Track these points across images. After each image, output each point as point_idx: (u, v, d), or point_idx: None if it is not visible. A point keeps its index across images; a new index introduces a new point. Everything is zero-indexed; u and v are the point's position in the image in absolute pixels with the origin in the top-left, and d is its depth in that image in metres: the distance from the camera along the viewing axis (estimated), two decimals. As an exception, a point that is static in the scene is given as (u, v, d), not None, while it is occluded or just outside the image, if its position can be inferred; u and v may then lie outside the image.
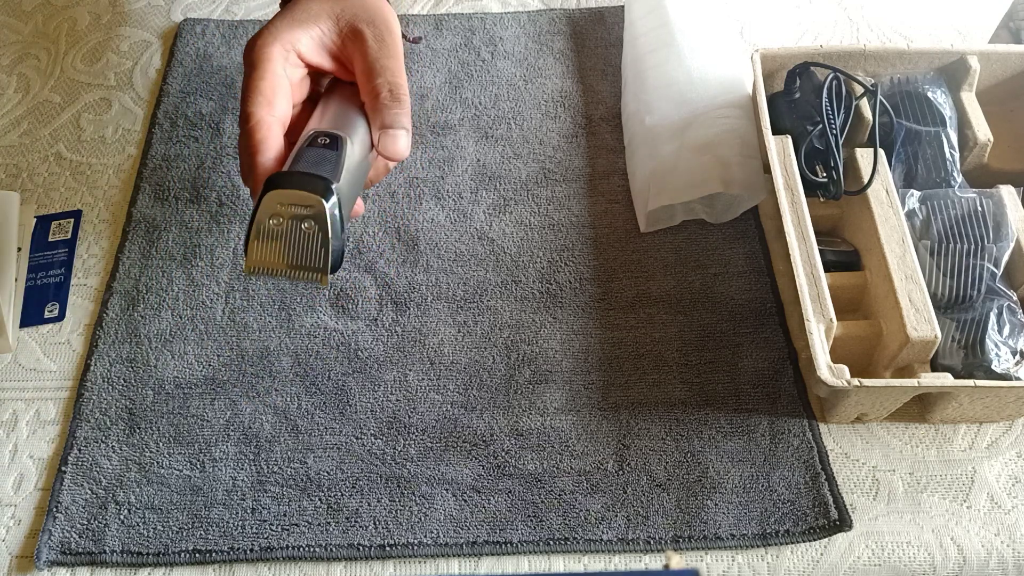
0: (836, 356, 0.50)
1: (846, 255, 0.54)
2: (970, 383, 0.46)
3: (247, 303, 0.57)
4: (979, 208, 0.52)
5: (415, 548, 0.48)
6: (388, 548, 0.48)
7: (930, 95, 0.56)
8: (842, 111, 0.56)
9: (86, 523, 0.49)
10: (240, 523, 0.49)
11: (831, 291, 0.49)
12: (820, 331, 0.48)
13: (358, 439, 0.52)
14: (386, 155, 0.46)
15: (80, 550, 0.48)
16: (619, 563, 0.48)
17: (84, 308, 0.58)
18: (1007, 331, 0.49)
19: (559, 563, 0.48)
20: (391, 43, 0.47)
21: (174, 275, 0.58)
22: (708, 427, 0.52)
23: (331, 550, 0.48)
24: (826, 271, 0.50)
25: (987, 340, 0.49)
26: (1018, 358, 0.49)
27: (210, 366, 0.54)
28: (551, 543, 0.48)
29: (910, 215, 0.53)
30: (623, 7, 0.70)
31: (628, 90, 0.64)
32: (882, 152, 0.54)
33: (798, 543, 0.48)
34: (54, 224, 0.61)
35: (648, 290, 0.57)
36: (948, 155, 0.55)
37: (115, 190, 0.63)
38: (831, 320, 0.48)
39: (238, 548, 0.48)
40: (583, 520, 0.49)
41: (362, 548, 0.48)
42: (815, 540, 0.48)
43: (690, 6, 0.64)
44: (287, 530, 0.49)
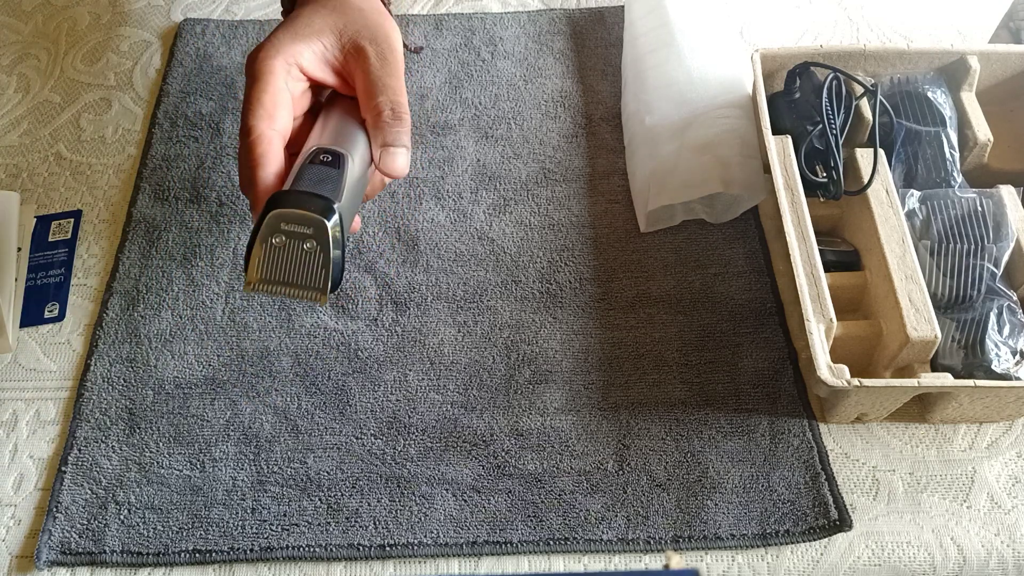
0: (836, 356, 0.50)
1: (846, 255, 0.54)
2: (970, 383, 0.46)
3: (247, 303, 0.57)
4: (979, 208, 0.52)
5: (415, 548, 0.48)
6: (388, 548, 0.48)
7: (930, 95, 0.56)
8: (842, 111, 0.56)
9: (86, 523, 0.49)
10: (240, 523, 0.49)
11: (831, 291, 0.49)
12: (820, 331, 0.48)
13: (358, 439, 0.52)
14: (387, 173, 0.46)
15: (80, 550, 0.48)
16: (619, 563, 0.48)
17: (84, 308, 0.58)
18: (1007, 331, 0.49)
19: (559, 563, 0.48)
20: (393, 61, 0.47)
21: (174, 275, 0.58)
22: (708, 427, 0.52)
23: (331, 550, 0.48)
24: (826, 271, 0.50)
25: (987, 340, 0.49)
26: (1018, 358, 0.49)
27: (210, 366, 0.54)
28: (551, 543, 0.48)
29: (910, 215, 0.53)
30: (623, 7, 0.70)
31: (628, 90, 0.64)
32: (882, 152, 0.54)
33: (798, 543, 0.48)
34: (54, 224, 0.61)
35: (648, 290, 0.57)
36: (948, 155, 0.55)
37: (115, 190, 0.63)
38: (831, 320, 0.48)
39: (238, 548, 0.48)
40: (583, 520, 0.49)
41: (362, 548, 0.48)
42: (815, 540, 0.48)
43: (690, 6, 0.64)
44: (287, 530, 0.49)
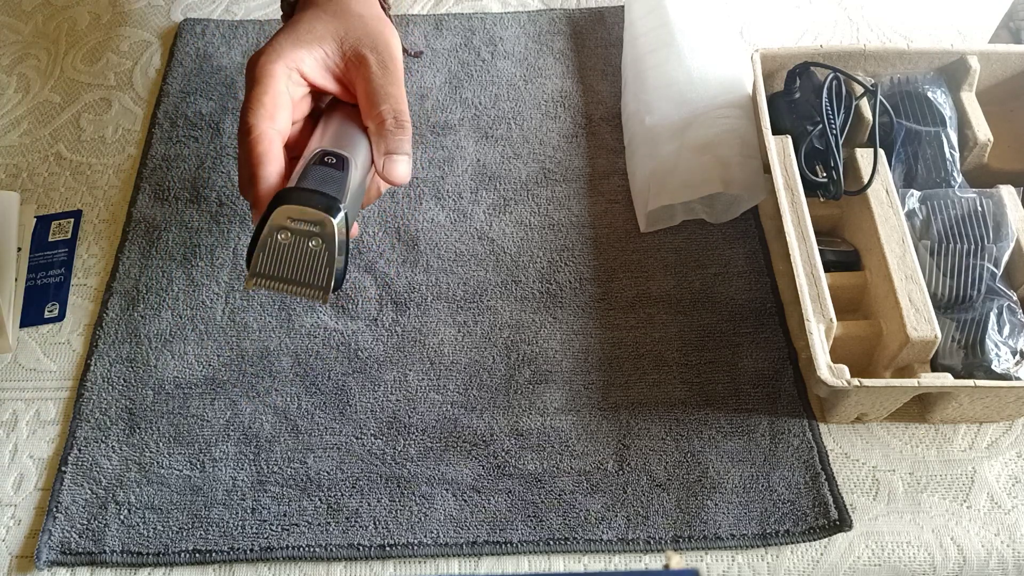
0: (836, 356, 0.50)
1: (846, 255, 0.54)
2: (970, 383, 0.46)
3: (247, 303, 0.57)
4: (979, 208, 0.52)
5: (415, 548, 0.48)
6: (388, 548, 0.48)
7: (930, 95, 0.56)
8: (842, 111, 0.56)
9: (86, 523, 0.49)
10: (240, 523, 0.49)
11: (831, 291, 0.49)
12: (820, 331, 0.48)
13: (358, 439, 0.52)
14: (390, 180, 0.47)
15: (80, 550, 0.48)
16: (619, 563, 0.48)
17: (84, 308, 0.58)
18: (1007, 331, 0.49)
19: (559, 563, 0.48)
20: (394, 69, 0.47)
21: (174, 275, 0.58)
22: (708, 427, 0.52)
23: (331, 550, 0.48)
24: (826, 271, 0.50)
25: (987, 340, 0.49)
26: (1018, 358, 0.49)
27: (210, 366, 0.54)
28: (551, 543, 0.48)
29: (910, 215, 0.53)
30: (623, 7, 0.70)
31: (628, 90, 0.64)
32: (882, 152, 0.54)
33: (798, 543, 0.48)
34: (54, 224, 0.61)
35: (648, 290, 0.57)
36: (948, 155, 0.55)
37: (115, 190, 0.63)
38: (831, 320, 0.48)
39: (238, 548, 0.48)
40: (583, 520, 0.49)
41: (362, 548, 0.48)
42: (815, 540, 0.48)
43: (690, 6, 0.64)
44: (287, 530, 0.49)
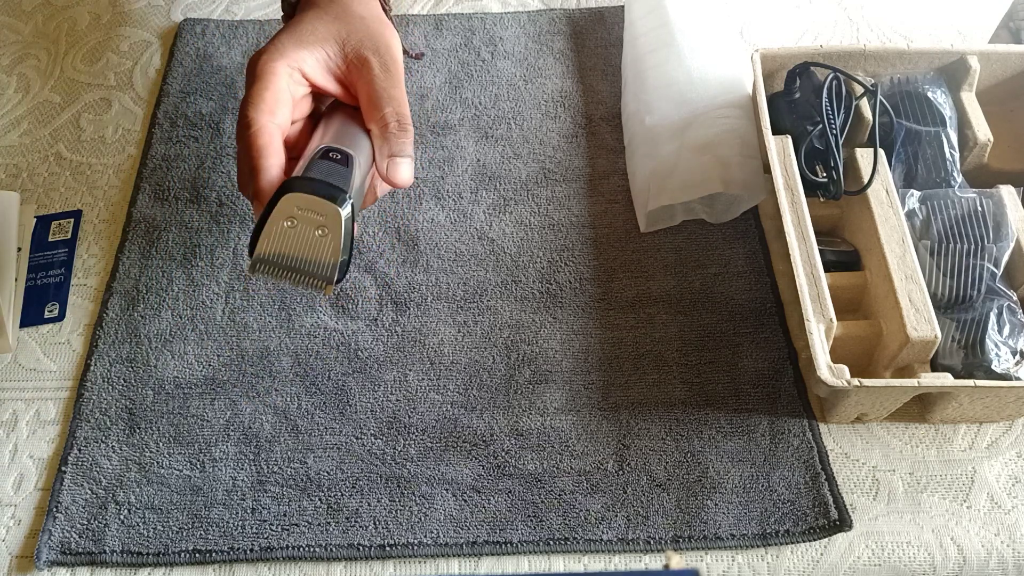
0: (836, 356, 0.50)
1: (846, 255, 0.54)
2: (970, 383, 0.46)
3: (247, 303, 0.57)
4: (979, 208, 0.52)
5: (415, 548, 0.48)
6: (388, 548, 0.48)
7: (930, 95, 0.56)
8: (842, 111, 0.56)
9: (86, 523, 0.49)
10: (240, 523, 0.49)
11: (831, 291, 0.49)
12: (820, 331, 0.48)
13: (358, 439, 0.52)
14: (393, 182, 0.47)
15: (80, 550, 0.48)
16: (619, 563, 0.48)
17: (84, 308, 0.58)
18: (1007, 331, 0.49)
19: (559, 563, 0.48)
20: (396, 72, 0.47)
21: (174, 275, 0.58)
22: (708, 427, 0.52)
23: (331, 550, 0.48)
24: (826, 271, 0.50)
25: (987, 340, 0.49)
26: (1018, 358, 0.49)
27: (210, 366, 0.54)
28: (551, 543, 0.48)
29: (910, 215, 0.53)
30: (623, 7, 0.70)
31: (628, 90, 0.64)
32: (882, 152, 0.54)
33: (798, 543, 0.48)
34: (54, 224, 0.61)
35: (648, 290, 0.57)
36: (948, 155, 0.55)
37: (115, 190, 0.63)
38: (831, 320, 0.48)
39: (238, 548, 0.48)
40: (583, 520, 0.49)
41: (362, 548, 0.48)
42: (815, 540, 0.48)
43: (690, 6, 0.64)
44: (287, 530, 0.49)
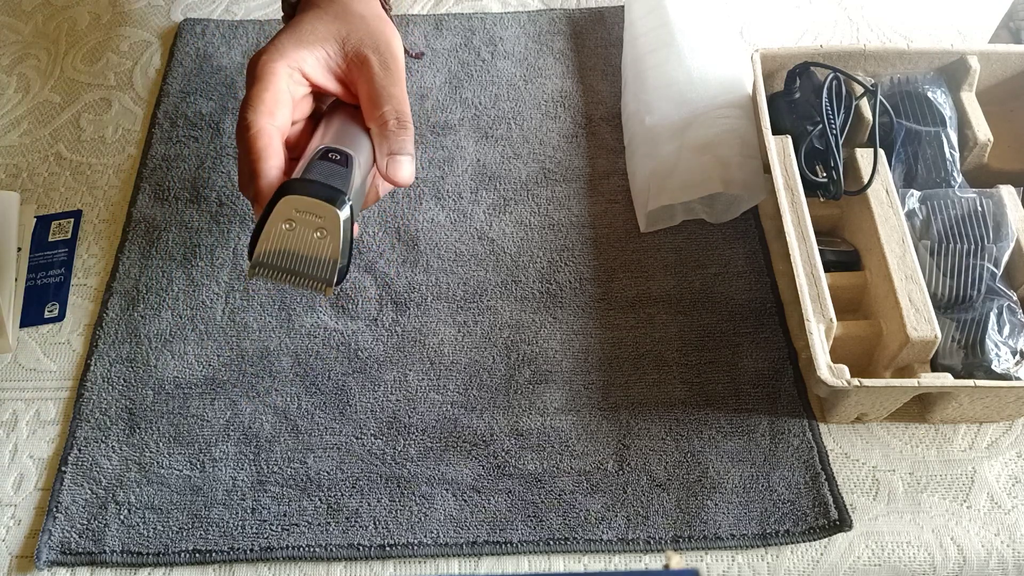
0: (836, 356, 0.50)
1: (846, 255, 0.54)
2: (970, 383, 0.46)
3: (247, 303, 0.57)
4: (979, 208, 0.52)
5: (415, 548, 0.48)
6: (388, 548, 0.48)
7: (930, 95, 0.56)
8: (842, 111, 0.56)
9: (86, 523, 0.49)
10: (240, 523, 0.49)
11: (831, 291, 0.49)
12: (820, 331, 0.48)
13: (358, 439, 0.52)
14: (394, 181, 0.46)
15: (80, 550, 0.48)
16: (619, 563, 0.48)
17: (84, 308, 0.58)
18: (1007, 331, 0.49)
19: (559, 563, 0.48)
20: (395, 70, 0.47)
21: (174, 275, 0.58)
22: (708, 427, 0.52)
23: (331, 550, 0.48)
24: (826, 271, 0.50)
25: (987, 340, 0.49)
26: (1018, 358, 0.49)
27: (210, 366, 0.54)
28: (551, 543, 0.48)
29: (910, 215, 0.53)
30: (623, 7, 0.70)
31: (628, 90, 0.64)
32: (882, 152, 0.54)
33: (798, 543, 0.48)
34: (54, 224, 0.61)
35: (648, 290, 0.57)
36: (948, 155, 0.55)
37: (115, 190, 0.63)
38: (831, 320, 0.48)
39: (238, 548, 0.48)
40: (583, 520, 0.49)
41: (362, 548, 0.48)
42: (815, 540, 0.48)
43: (690, 6, 0.64)
44: (287, 530, 0.49)
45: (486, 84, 0.68)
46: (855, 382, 0.46)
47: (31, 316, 0.57)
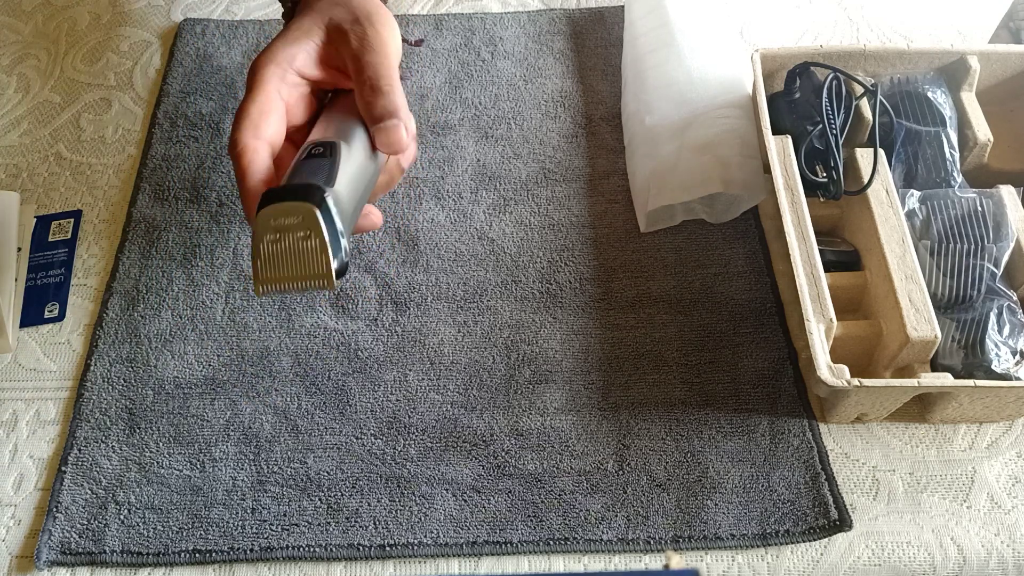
0: (836, 356, 0.50)
1: (846, 255, 0.54)
2: (970, 383, 0.46)
3: (247, 303, 0.57)
4: (979, 208, 0.52)
5: (415, 548, 0.48)
6: (388, 548, 0.48)
7: (930, 95, 0.56)
8: (842, 111, 0.56)
9: (86, 523, 0.49)
10: (240, 523, 0.49)
11: (831, 291, 0.49)
12: (820, 331, 0.48)
13: (358, 439, 0.52)
14: (384, 149, 0.45)
15: (80, 550, 0.48)
16: (619, 563, 0.48)
17: (84, 308, 0.58)
18: (1007, 331, 0.49)
19: (559, 563, 0.48)
20: (372, 36, 0.46)
21: (174, 275, 0.58)
22: (708, 427, 0.52)
23: (331, 550, 0.48)
24: (826, 271, 0.50)
25: (987, 340, 0.49)
26: (1018, 358, 0.49)
27: (210, 366, 0.54)
28: (551, 543, 0.48)
29: (910, 215, 0.53)
30: (623, 7, 0.70)
31: (628, 90, 0.64)
32: (882, 152, 0.54)
33: (798, 543, 0.48)
34: (54, 224, 0.61)
35: (648, 290, 0.57)
36: (948, 155, 0.55)
37: (115, 190, 0.63)
38: (831, 320, 0.48)
39: (238, 548, 0.48)
40: (583, 520, 0.49)
41: (362, 548, 0.48)
42: (815, 540, 0.48)
43: (690, 6, 0.64)
44: (287, 530, 0.49)
45: (486, 84, 0.68)
46: (855, 382, 0.46)
47: (31, 316, 0.57)
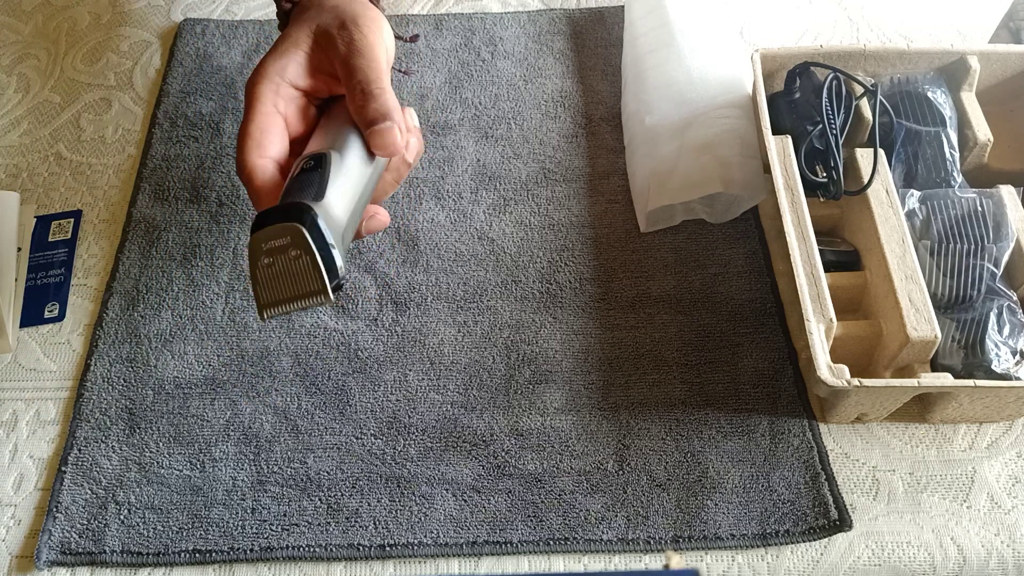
0: (836, 356, 0.50)
1: (846, 255, 0.54)
2: (970, 383, 0.46)
3: (247, 303, 0.57)
4: (979, 208, 0.52)
5: (415, 548, 0.48)
6: (388, 548, 0.48)
7: (930, 95, 0.56)
8: (842, 111, 0.56)
9: (86, 523, 0.49)
10: (240, 523, 0.49)
11: (831, 291, 0.49)
12: (820, 331, 0.48)
13: (358, 439, 0.52)
14: (379, 152, 0.45)
15: (80, 550, 0.48)
16: (619, 563, 0.48)
17: (84, 308, 0.58)
18: (1007, 331, 0.49)
19: (559, 563, 0.48)
20: (359, 40, 0.45)
21: (174, 275, 0.58)
22: (708, 427, 0.52)
23: (331, 550, 0.48)
24: (826, 271, 0.50)
25: (987, 340, 0.49)
26: (1018, 358, 0.49)
27: (210, 366, 0.54)
28: (551, 543, 0.48)
29: (910, 215, 0.53)
30: (623, 7, 0.70)
31: (628, 90, 0.64)
32: (882, 152, 0.54)
33: (798, 543, 0.48)
34: (54, 224, 0.61)
35: (648, 290, 0.57)
36: (948, 155, 0.55)
37: (115, 190, 0.63)
38: (831, 320, 0.48)
39: (238, 548, 0.48)
40: (583, 520, 0.49)
41: (362, 548, 0.48)
42: (815, 540, 0.48)
43: (690, 6, 0.64)
44: (287, 530, 0.49)
45: (486, 84, 0.68)
46: (855, 382, 0.46)
47: (31, 316, 0.57)
